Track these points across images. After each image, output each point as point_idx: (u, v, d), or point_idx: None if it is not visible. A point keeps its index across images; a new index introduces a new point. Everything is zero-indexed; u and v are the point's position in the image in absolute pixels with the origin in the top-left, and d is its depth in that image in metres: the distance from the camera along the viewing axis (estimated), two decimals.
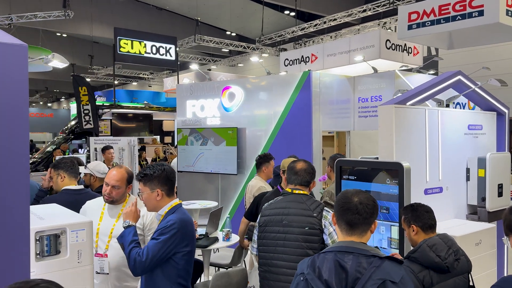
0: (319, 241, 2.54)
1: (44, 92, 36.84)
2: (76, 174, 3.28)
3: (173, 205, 2.49)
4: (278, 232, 2.65)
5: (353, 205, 1.84)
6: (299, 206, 2.64)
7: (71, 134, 12.87)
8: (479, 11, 5.59)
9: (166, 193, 2.49)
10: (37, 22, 17.29)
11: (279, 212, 2.70)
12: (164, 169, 2.50)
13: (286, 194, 2.77)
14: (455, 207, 3.92)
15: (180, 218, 2.38)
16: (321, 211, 2.59)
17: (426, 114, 3.59)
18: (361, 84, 6.82)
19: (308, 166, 2.84)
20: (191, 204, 5.88)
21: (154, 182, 2.46)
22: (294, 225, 2.60)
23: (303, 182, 2.76)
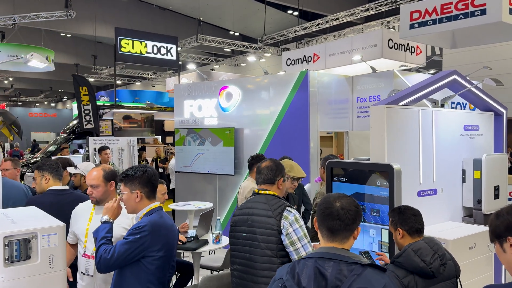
0: (277, 242, 2.50)
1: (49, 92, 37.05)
2: (60, 176, 3.24)
3: (151, 208, 2.43)
4: (244, 232, 2.65)
5: (334, 210, 1.77)
6: (262, 207, 2.62)
7: (72, 134, 12.88)
8: (481, 10, 5.51)
9: (146, 195, 2.45)
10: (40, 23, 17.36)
11: (245, 213, 2.69)
12: (146, 171, 2.47)
13: (255, 194, 2.75)
14: (450, 209, 3.84)
15: (154, 221, 2.33)
16: (281, 212, 2.54)
17: (420, 115, 3.51)
18: (359, 84, 6.74)
19: (272, 163, 2.78)
20: (186, 205, 5.83)
21: (135, 183, 2.43)
22: (256, 225, 2.59)
23: (266, 180, 2.71)
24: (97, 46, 24.47)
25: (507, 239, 1.52)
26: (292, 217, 2.52)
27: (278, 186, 2.73)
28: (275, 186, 2.72)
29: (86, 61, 25.62)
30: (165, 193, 4.01)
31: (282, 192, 2.79)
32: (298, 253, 2.46)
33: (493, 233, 1.59)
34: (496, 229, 1.57)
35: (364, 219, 3.21)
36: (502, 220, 1.55)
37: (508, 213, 1.55)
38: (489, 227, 1.62)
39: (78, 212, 2.88)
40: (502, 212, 1.58)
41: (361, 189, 3.23)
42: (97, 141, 9.96)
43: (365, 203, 3.21)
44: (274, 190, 2.71)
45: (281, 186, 2.75)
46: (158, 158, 11.84)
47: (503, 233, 1.54)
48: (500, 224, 1.55)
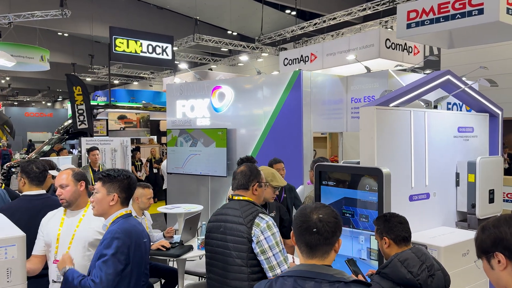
0: (247, 250, 2.39)
1: (47, 91, 36.91)
2: (37, 180, 3.10)
3: (121, 214, 2.32)
4: (217, 239, 2.54)
5: (312, 223, 1.63)
6: (234, 213, 2.50)
7: (66, 134, 12.74)
8: (479, 10, 5.44)
9: (121, 201, 2.35)
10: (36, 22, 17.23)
11: (219, 219, 2.58)
12: (129, 177, 2.40)
13: (230, 200, 2.64)
14: (444, 214, 3.72)
15: (124, 228, 2.21)
16: (253, 219, 2.42)
17: (412, 116, 3.39)
18: (354, 84, 6.62)
19: (246, 168, 2.67)
20: (175, 208, 5.70)
21: (115, 185, 2.34)
22: (228, 232, 2.48)
23: (239, 185, 2.60)
24: (94, 46, 24.36)
25: (494, 254, 1.39)
26: (264, 224, 2.40)
27: (253, 192, 2.62)
28: (250, 191, 2.61)
29: (83, 60, 25.49)
30: (151, 198, 3.89)
31: (259, 198, 2.67)
32: (269, 262, 2.36)
33: (480, 248, 1.45)
34: (482, 244, 1.43)
35: (353, 225, 3.09)
36: (488, 234, 1.42)
37: (495, 226, 1.42)
38: (475, 242, 1.49)
39: (49, 217, 2.77)
40: (488, 225, 1.45)
41: (350, 194, 3.11)
42: (90, 141, 9.82)
43: (354, 208, 3.09)
44: (249, 196, 2.60)
45: (256, 192, 2.63)
46: (153, 158, 11.71)
47: (490, 249, 1.41)
48: (486, 238, 1.42)
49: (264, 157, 5.41)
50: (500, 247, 1.38)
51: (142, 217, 3.89)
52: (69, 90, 12.05)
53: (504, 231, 1.38)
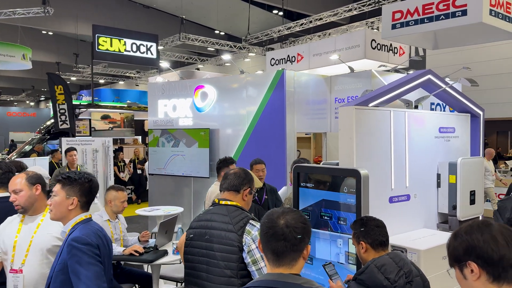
0: (237, 260, 2.21)
1: (31, 91, 36.25)
2: (1, 183, 2.95)
3: (80, 219, 2.19)
4: (201, 247, 2.35)
5: (278, 229, 1.54)
6: (222, 219, 2.32)
7: (47, 134, 12.46)
8: (462, 11, 5.46)
9: (81, 206, 2.22)
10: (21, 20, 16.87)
11: (203, 225, 2.39)
12: (91, 180, 2.26)
13: (215, 204, 2.46)
14: (424, 216, 3.66)
15: (84, 233, 2.08)
16: (243, 226, 2.25)
17: (392, 116, 3.32)
18: (337, 84, 6.56)
19: (241, 170, 2.52)
20: (154, 211, 5.56)
21: (75, 189, 2.20)
22: (214, 240, 2.30)
23: (231, 186, 2.42)
24: (79, 44, 23.98)
25: (467, 264, 1.31)
26: (256, 231, 2.22)
27: (243, 197, 2.44)
28: (240, 196, 2.43)
29: (68, 59, 25.09)
30: (125, 201, 3.74)
31: (247, 205, 2.49)
32: (260, 273, 2.15)
33: (452, 256, 1.36)
34: (454, 251, 1.35)
35: (331, 228, 3.00)
36: (461, 242, 1.33)
37: (467, 233, 1.33)
38: (447, 250, 1.40)
39: (6, 224, 2.63)
40: (460, 232, 1.36)
41: (329, 196, 3.02)
42: (70, 141, 9.60)
43: (332, 210, 3.00)
44: (238, 201, 2.41)
45: (247, 197, 2.46)
46: (137, 159, 11.52)
47: (462, 257, 1.32)
48: (458, 246, 1.34)
49: (247, 158, 5.31)
50: (473, 256, 1.29)
51: (116, 221, 3.75)
52: (50, 89, 11.79)
53: (477, 238, 1.30)
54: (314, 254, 3.09)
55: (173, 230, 3.84)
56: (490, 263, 1.27)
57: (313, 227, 3.11)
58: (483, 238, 1.29)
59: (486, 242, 1.28)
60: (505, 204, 3.98)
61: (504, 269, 1.26)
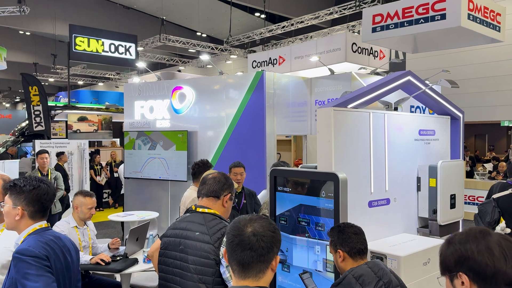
0: (213, 274, 2.03)
1: (8, 92, 35.28)
2: None
3: (33, 229, 1.98)
4: (175, 258, 2.17)
5: (245, 237, 1.41)
6: (198, 229, 2.14)
7: (21, 136, 12.05)
8: (441, 15, 5.50)
9: (30, 215, 2.00)
10: None
11: (178, 234, 2.21)
12: (38, 187, 2.01)
13: (191, 212, 2.28)
14: (405, 220, 3.57)
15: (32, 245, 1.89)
16: (221, 237, 2.07)
17: (371, 118, 3.22)
18: (318, 86, 6.48)
19: (221, 175, 2.35)
20: (128, 216, 5.35)
21: (20, 197, 1.99)
22: (189, 252, 2.12)
23: (210, 192, 2.24)
24: (58, 45, 23.43)
25: (458, 275, 1.18)
26: None
27: (223, 203, 2.27)
28: (219, 202, 2.26)
29: (46, 60, 24.51)
30: (93, 208, 3.54)
31: (227, 213, 2.33)
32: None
33: (443, 265, 1.24)
34: (446, 260, 1.22)
35: (309, 234, 2.88)
36: (453, 251, 1.20)
37: (461, 242, 1.20)
38: (439, 257, 1.27)
39: None
40: (454, 240, 1.23)
41: (306, 201, 2.90)
42: (44, 144, 9.28)
43: (310, 216, 2.88)
44: (217, 208, 2.24)
45: (227, 204, 2.29)
46: (113, 162, 11.22)
47: (454, 268, 1.19)
48: (450, 255, 1.21)
49: (226, 161, 5.17)
50: (465, 267, 1.17)
51: (84, 227, 3.55)
52: (24, 90, 11.41)
53: (471, 249, 1.17)
54: (291, 261, 2.96)
55: (145, 237, 3.66)
56: (483, 277, 1.14)
57: (290, 233, 2.98)
58: (478, 249, 1.16)
59: (480, 254, 1.16)
60: (486, 207, 3.94)
61: (498, 286, 1.13)
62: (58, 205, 6.27)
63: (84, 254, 3.30)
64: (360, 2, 13.98)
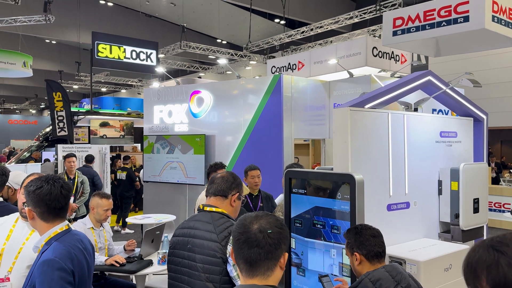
0: (220, 272, 2.00)
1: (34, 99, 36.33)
2: None
3: (54, 233, 1.94)
4: (183, 257, 2.15)
5: (251, 234, 1.36)
6: (205, 227, 2.12)
7: (45, 141, 12.34)
8: (464, 17, 5.38)
9: (40, 217, 1.95)
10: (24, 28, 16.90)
11: (186, 233, 2.20)
12: (41, 187, 1.94)
13: (199, 211, 2.26)
14: (425, 225, 3.45)
15: (58, 254, 1.86)
16: (228, 235, 2.04)
17: (389, 119, 3.13)
18: (336, 89, 6.40)
19: (229, 174, 2.32)
20: (145, 219, 5.37)
21: (28, 198, 1.97)
22: (196, 250, 2.10)
23: (218, 191, 2.21)
24: (82, 53, 24.04)
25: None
26: None
27: (231, 203, 2.24)
28: (227, 201, 2.23)
29: (71, 68, 25.15)
30: (109, 210, 3.55)
31: (235, 212, 2.29)
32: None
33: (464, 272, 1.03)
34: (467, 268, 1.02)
35: (324, 237, 2.80)
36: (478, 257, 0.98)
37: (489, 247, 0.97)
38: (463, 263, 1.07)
39: None
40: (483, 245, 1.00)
41: (321, 203, 2.83)
42: (66, 148, 9.46)
43: (325, 218, 2.81)
44: (225, 207, 2.21)
45: (235, 203, 2.26)
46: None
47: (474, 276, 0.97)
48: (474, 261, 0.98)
49: (243, 164, 5.14)
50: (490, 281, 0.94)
51: (100, 229, 3.56)
52: (48, 96, 11.70)
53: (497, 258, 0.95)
54: (306, 265, 2.89)
55: (160, 239, 3.65)
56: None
57: (306, 236, 2.91)
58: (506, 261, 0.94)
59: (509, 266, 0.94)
60: None
61: None
62: (83, 208, 6.35)
63: (99, 255, 3.32)
64: (380, 6, 13.82)
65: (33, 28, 18.33)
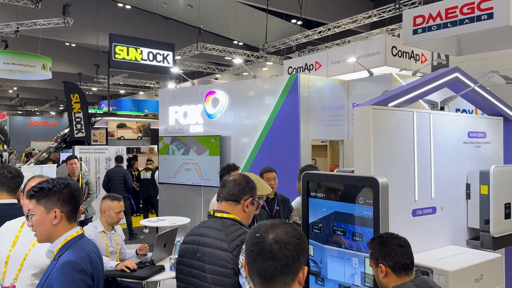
0: (232, 284, 1.85)
1: (54, 101, 36.99)
2: (8, 187, 2.70)
3: (71, 236, 1.85)
4: (192, 267, 2.01)
5: (267, 245, 1.22)
6: (216, 235, 1.97)
7: (63, 142, 12.45)
8: (488, 14, 5.22)
9: (67, 216, 1.87)
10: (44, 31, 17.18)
11: (195, 241, 2.05)
12: (68, 184, 1.89)
13: (210, 216, 2.11)
14: (452, 231, 3.24)
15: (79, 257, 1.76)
16: (240, 244, 1.89)
17: (415, 118, 2.94)
18: (355, 89, 6.20)
19: (241, 177, 2.16)
20: (159, 221, 5.27)
21: (52, 199, 1.84)
22: (206, 260, 1.95)
23: (229, 196, 2.07)
24: (100, 55, 24.33)
25: None
26: None
27: (244, 208, 2.08)
28: (240, 207, 2.08)
29: (90, 70, 25.49)
30: (121, 212, 3.46)
31: (248, 218, 2.14)
32: None
33: None
34: None
35: (344, 245, 2.63)
36: None
37: None
38: None
39: (3, 234, 2.34)
40: None
41: (342, 208, 2.66)
42: (83, 149, 9.51)
43: (346, 224, 2.64)
44: (237, 213, 2.06)
45: (248, 209, 2.10)
46: None
47: None
48: None
49: (259, 166, 5.00)
50: None
51: (112, 232, 3.47)
52: (66, 98, 11.79)
53: None
54: (325, 274, 2.72)
55: (173, 244, 3.54)
56: None
57: (325, 242, 2.75)
58: None
59: None
60: None
61: None
62: (91, 209, 6.30)
63: (110, 260, 3.22)
64: (400, 5, 13.50)
65: (52, 31, 18.59)
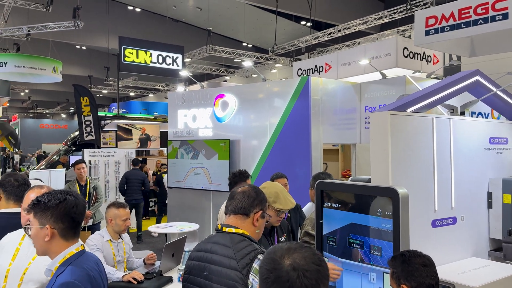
0: None
1: (66, 104, 37.32)
2: (15, 196, 2.62)
3: (70, 254, 1.74)
4: (199, 285, 1.89)
5: (283, 273, 1.11)
6: (224, 252, 1.85)
7: (73, 145, 12.47)
8: (503, 14, 5.11)
9: (61, 234, 1.75)
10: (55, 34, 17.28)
11: (202, 258, 1.93)
12: (65, 200, 1.76)
13: (218, 231, 1.99)
14: (474, 242, 3.09)
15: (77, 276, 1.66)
16: (250, 262, 1.77)
17: (434, 124, 2.80)
18: (368, 92, 6.05)
19: (251, 189, 2.04)
20: (168, 228, 5.18)
21: (46, 215, 1.74)
22: (214, 279, 1.83)
23: (238, 209, 1.94)
24: (110, 58, 24.46)
25: None
26: None
27: (254, 222, 1.95)
28: (249, 220, 1.95)
29: (100, 73, 25.64)
30: (127, 219, 3.36)
31: (258, 233, 2.01)
32: None
33: None
34: None
35: (362, 259, 2.50)
36: None
37: None
38: None
39: (4, 246, 2.24)
40: None
41: (358, 219, 2.52)
42: (92, 153, 9.48)
43: (363, 237, 2.50)
44: (246, 227, 1.93)
45: (257, 223, 1.97)
46: (158, 171, 11.27)
47: None
48: None
49: (270, 171, 4.91)
50: None
51: (119, 241, 3.38)
52: (76, 100, 11.80)
53: None
54: None
55: (181, 253, 3.43)
56: None
57: (340, 256, 2.62)
58: None
59: None
60: None
61: None
62: (99, 214, 6.21)
63: (116, 271, 3.12)
64: (411, 5, 13.30)
65: (63, 34, 18.72)
